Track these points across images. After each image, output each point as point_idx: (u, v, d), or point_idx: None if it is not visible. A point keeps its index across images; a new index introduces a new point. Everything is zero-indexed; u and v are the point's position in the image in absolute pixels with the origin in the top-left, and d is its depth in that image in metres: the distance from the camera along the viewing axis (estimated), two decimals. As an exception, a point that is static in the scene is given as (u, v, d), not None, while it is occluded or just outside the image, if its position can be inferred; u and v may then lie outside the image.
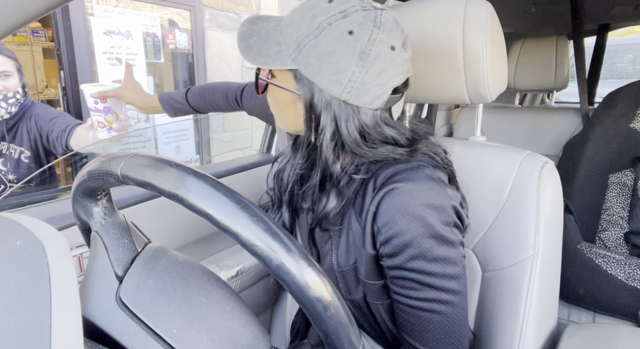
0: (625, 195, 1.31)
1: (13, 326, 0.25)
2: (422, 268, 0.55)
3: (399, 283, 0.57)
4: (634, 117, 1.32)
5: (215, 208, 0.31)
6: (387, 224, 0.56)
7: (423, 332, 0.57)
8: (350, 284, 0.64)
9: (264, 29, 0.60)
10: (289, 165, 0.72)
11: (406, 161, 0.60)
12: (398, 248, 0.56)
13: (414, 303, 0.57)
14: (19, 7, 0.44)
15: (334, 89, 0.56)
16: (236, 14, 3.60)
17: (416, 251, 0.55)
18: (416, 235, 0.55)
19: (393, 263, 0.57)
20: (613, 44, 3.96)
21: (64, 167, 3.39)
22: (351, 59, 0.54)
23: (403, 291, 0.57)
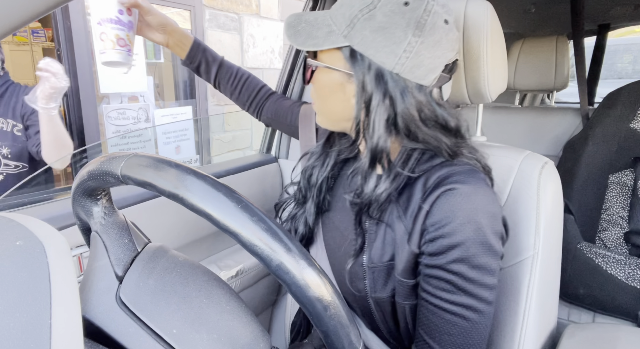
0: (625, 195, 1.31)
1: (13, 326, 0.25)
2: (463, 273, 0.55)
3: (434, 282, 0.57)
4: (634, 117, 1.32)
5: (215, 208, 0.31)
6: (439, 223, 0.55)
7: (444, 334, 0.56)
8: (379, 281, 0.63)
9: (312, 17, 0.62)
10: (318, 162, 0.73)
11: (453, 162, 0.60)
12: (444, 248, 0.55)
13: (445, 305, 0.56)
14: (19, 7, 0.44)
15: (388, 61, 0.55)
16: (236, 14, 3.60)
17: (462, 254, 0.54)
18: (467, 238, 0.54)
19: (434, 262, 0.56)
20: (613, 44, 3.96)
21: (64, 166, 3.39)
22: (407, 29, 0.54)
23: (436, 292, 0.57)
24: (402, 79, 0.56)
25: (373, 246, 0.63)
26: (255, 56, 3.82)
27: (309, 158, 0.76)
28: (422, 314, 0.59)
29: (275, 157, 1.37)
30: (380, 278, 0.62)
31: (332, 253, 0.72)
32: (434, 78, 0.58)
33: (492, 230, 0.56)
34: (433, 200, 0.57)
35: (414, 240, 0.58)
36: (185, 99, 3.41)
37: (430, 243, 0.57)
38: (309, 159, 0.75)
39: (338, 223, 0.72)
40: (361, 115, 0.59)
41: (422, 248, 0.58)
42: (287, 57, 1.33)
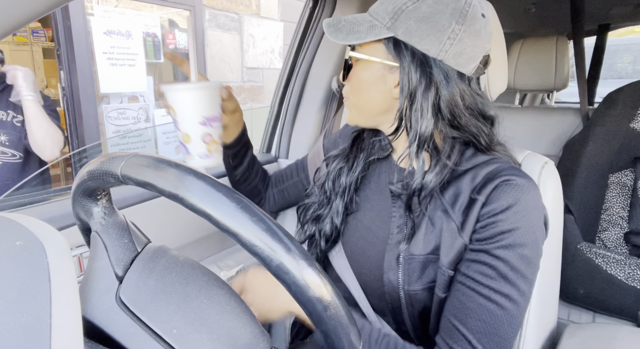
0: (625, 195, 1.31)
1: (13, 326, 0.25)
2: (509, 260, 0.56)
3: (477, 267, 0.58)
4: (634, 117, 1.32)
5: (215, 208, 0.31)
6: (495, 210, 0.58)
7: (477, 321, 0.57)
8: (414, 274, 0.64)
9: (350, 17, 0.64)
10: (346, 165, 0.75)
11: (497, 159, 0.64)
12: (496, 233, 0.57)
13: (483, 290, 0.57)
14: (19, 7, 0.44)
15: (432, 48, 0.58)
16: (236, 14, 3.60)
17: (513, 241, 0.56)
18: (520, 227, 0.57)
19: (481, 247, 0.58)
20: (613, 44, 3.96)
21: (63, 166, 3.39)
22: (451, 18, 0.58)
23: (477, 276, 0.57)
24: (445, 66, 0.59)
25: (414, 238, 0.64)
26: (255, 56, 3.82)
27: (333, 160, 0.78)
28: (456, 298, 0.59)
29: (275, 156, 1.37)
30: (416, 271, 0.63)
31: (361, 252, 0.72)
32: (474, 67, 0.61)
33: (541, 225, 0.59)
34: (489, 191, 0.59)
35: (467, 231, 0.60)
36: (185, 99, 3.40)
37: (482, 229, 0.59)
38: (333, 162, 0.77)
39: (369, 223, 0.72)
40: (404, 104, 0.62)
41: (473, 235, 0.60)
42: (287, 57, 1.33)
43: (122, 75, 2.69)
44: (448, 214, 0.62)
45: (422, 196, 0.64)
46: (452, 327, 0.58)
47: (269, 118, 1.40)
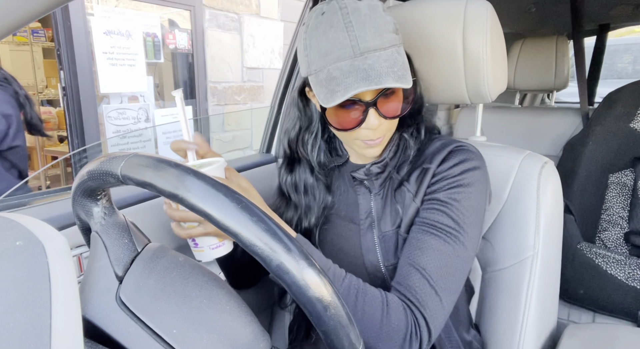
0: (625, 195, 1.31)
1: (13, 326, 0.25)
2: (455, 204, 0.65)
3: (428, 214, 0.66)
4: (634, 117, 1.32)
5: (215, 208, 0.31)
6: (445, 167, 0.67)
7: (428, 259, 0.62)
8: (390, 248, 0.70)
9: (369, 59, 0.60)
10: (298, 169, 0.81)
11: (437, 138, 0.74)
12: (446, 183, 0.66)
13: (434, 231, 0.64)
14: (19, 7, 0.44)
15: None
16: (236, 14, 3.60)
17: (460, 189, 0.66)
18: (467, 177, 0.66)
19: (432, 196, 0.67)
20: (613, 44, 3.96)
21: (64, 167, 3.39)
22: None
23: (428, 221, 0.65)
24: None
25: (382, 218, 0.71)
26: (255, 56, 3.82)
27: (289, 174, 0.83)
28: (409, 244, 0.66)
29: (275, 156, 1.37)
30: (391, 246, 0.70)
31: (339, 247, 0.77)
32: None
33: (486, 185, 0.68)
34: (442, 158, 0.68)
35: (420, 196, 0.68)
36: (185, 99, 3.40)
37: (433, 185, 0.67)
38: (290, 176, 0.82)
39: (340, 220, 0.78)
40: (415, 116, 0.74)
41: (426, 191, 0.68)
42: (287, 57, 1.33)
43: (122, 75, 2.69)
44: (404, 186, 0.71)
45: (383, 179, 0.73)
46: (408, 270, 0.63)
47: (269, 118, 1.40)
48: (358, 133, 0.67)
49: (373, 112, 0.63)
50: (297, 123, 0.78)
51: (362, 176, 0.74)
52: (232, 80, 3.67)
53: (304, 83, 0.72)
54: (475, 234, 0.66)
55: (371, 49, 0.60)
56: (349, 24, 0.60)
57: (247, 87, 3.84)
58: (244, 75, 3.78)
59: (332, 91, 0.60)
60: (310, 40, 0.63)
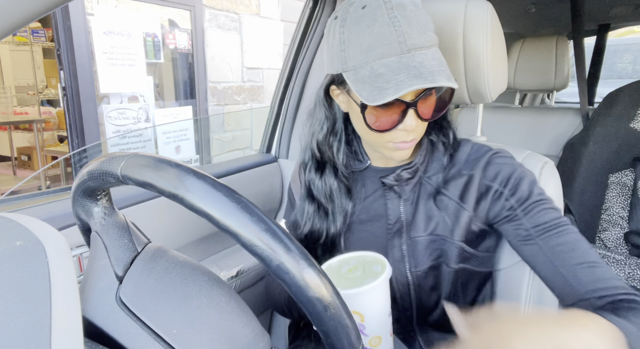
0: (625, 195, 1.31)
1: (13, 326, 0.25)
2: (548, 198, 0.67)
3: (539, 217, 0.65)
4: (634, 117, 1.32)
5: (215, 208, 0.31)
6: (505, 178, 0.68)
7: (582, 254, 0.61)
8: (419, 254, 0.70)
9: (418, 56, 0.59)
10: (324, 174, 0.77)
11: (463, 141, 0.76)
12: (526, 191, 0.66)
13: (564, 228, 0.64)
14: (19, 7, 0.44)
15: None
16: (236, 14, 3.60)
17: (540, 190, 0.68)
18: (533, 180, 0.68)
19: (527, 204, 0.66)
20: (613, 44, 3.96)
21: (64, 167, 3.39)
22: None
23: (549, 222, 0.64)
24: None
25: (413, 223, 0.71)
26: (255, 56, 3.82)
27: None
28: (551, 247, 0.63)
29: (275, 156, 1.37)
30: (421, 252, 0.70)
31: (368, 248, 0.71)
32: None
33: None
34: (484, 165, 0.69)
35: (469, 203, 0.69)
36: (185, 99, 3.41)
37: (511, 196, 0.67)
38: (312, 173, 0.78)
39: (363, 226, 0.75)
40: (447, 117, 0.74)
41: (500, 204, 0.68)
42: (287, 57, 1.33)
43: (122, 75, 2.69)
44: (443, 194, 0.70)
45: (413, 184, 0.72)
46: (591, 272, 0.60)
47: (269, 118, 1.40)
48: (392, 135, 0.64)
49: (412, 113, 0.61)
50: (325, 124, 0.74)
51: (392, 182, 0.72)
52: (232, 80, 3.67)
53: (332, 81, 0.69)
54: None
55: (418, 47, 0.58)
56: (395, 19, 0.57)
57: (247, 87, 3.84)
58: (244, 75, 3.78)
59: (379, 88, 0.57)
60: (349, 35, 0.60)
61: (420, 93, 0.61)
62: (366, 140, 0.72)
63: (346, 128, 0.75)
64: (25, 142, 4.32)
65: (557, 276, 0.62)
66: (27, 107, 4.28)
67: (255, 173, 1.23)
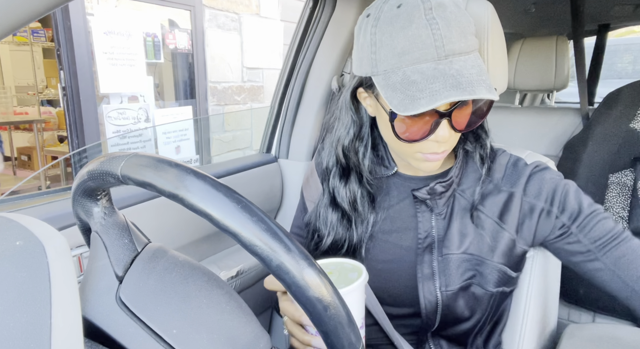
0: (625, 195, 1.31)
1: (13, 326, 0.25)
2: (597, 209, 0.64)
3: (596, 232, 0.62)
4: (634, 117, 1.32)
5: (215, 208, 0.31)
6: (549, 195, 0.64)
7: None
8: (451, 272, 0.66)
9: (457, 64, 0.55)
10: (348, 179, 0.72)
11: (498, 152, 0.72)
12: (575, 206, 0.63)
13: (624, 235, 0.62)
14: (19, 7, 0.44)
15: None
16: (236, 14, 3.60)
17: (585, 199, 0.65)
18: (576, 189, 0.65)
19: (582, 219, 0.63)
20: (613, 44, 3.96)
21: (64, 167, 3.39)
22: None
23: (607, 233, 0.62)
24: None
25: (446, 239, 0.66)
26: (255, 56, 3.82)
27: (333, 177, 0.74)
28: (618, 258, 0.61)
29: (275, 156, 1.37)
30: (453, 269, 0.65)
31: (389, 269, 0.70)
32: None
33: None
34: (525, 181, 0.65)
35: (510, 224, 0.65)
36: (185, 99, 3.41)
37: (561, 214, 0.63)
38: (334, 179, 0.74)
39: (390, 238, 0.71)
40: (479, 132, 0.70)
41: (551, 223, 0.64)
42: (287, 57, 1.33)
43: (122, 75, 2.69)
44: (479, 211, 0.66)
45: (447, 198, 0.67)
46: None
47: (269, 118, 1.40)
48: (422, 146, 0.60)
49: (445, 123, 0.57)
50: (351, 128, 0.69)
51: (425, 196, 0.66)
52: (232, 80, 3.67)
53: (360, 83, 0.64)
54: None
55: (457, 52, 0.53)
56: (433, 21, 0.52)
57: (247, 87, 3.84)
58: (244, 75, 3.78)
59: (412, 97, 0.52)
60: (381, 36, 0.55)
61: (456, 103, 0.56)
62: (393, 148, 0.68)
63: (372, 131, 0.71)
64: (25, 142, 4.33)
65: (626, 289, 0.61)
66: (27, 107, 4.28)
67: (255, 173, 1.23)
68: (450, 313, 0.67)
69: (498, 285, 0.65)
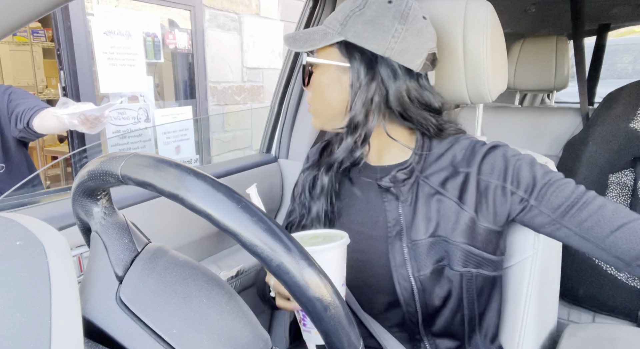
0: (625, 195, 1.31)
1: (13, 326, 0.25)
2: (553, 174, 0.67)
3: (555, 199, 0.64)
4: (634, 117, 1.32)
5: (215, 208, 0.31)
6: (503, 173, 0.67)
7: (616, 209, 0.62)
8: (421, 257, 0.68)
9: (307, 29, 0.71)
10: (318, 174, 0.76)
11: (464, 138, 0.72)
12: (529, 180, 0.65)
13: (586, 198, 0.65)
14: (19, 7, 0.44)
15: (379, 47, 0.64)
16: (236, 14, 3.60)
17: (542, 170, 0.67)
18: (531, 161, 0.68)
19: (539, 190, 0.65)
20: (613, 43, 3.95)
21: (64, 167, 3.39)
22: (394, 19, 0.64)
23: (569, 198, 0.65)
24: (392, 63, 0.65)
25: (413, 225, 0.69)
26: (255, 56, 3.82)
27: (305, 171, 0.79)
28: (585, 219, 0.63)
29: (275, 156, 1.37)
30: (422, 254, 0.68)
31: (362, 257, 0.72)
32: (420, 63, 0.66)
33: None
34: (479, 161, 0.68)
35: (469, 204, 0.67)
36: (185, 99, 3.40)
37: (517, 189, 0.66)
38: (306, 173, 0.79)
39: (360, 228, 0.73)
40: (358, 102, 0.66)
41: (508, 200, 0.66)
42: (287, 58, 1.33)
43: (122, 75, 2.69)
44: (441, 194, 0.68)
45: (410, 184, 0.70)
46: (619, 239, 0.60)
47: (268, 118, 1.40)
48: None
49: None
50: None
51: (388, 184, 0.70)
52: (232, 80, 3.67)
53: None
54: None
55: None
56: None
57: (247, 87, 3.84)
58: (244, 75, 3.78)
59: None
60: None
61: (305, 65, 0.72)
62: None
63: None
64: (25, 142, 4.32)
65: (599, 251, 0.63)
66: (27, 107, 4.26)
67: (255, 173, 1.23)
68: (429, 298, 0.68)
69: (465, 264, 0.67)
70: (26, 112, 1.42)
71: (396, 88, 0.66)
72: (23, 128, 1.45)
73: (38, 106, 1.44)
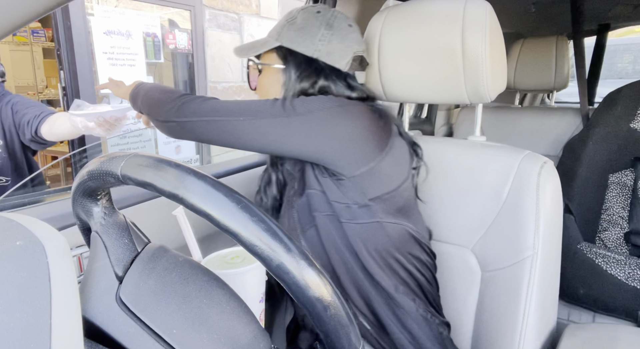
0: (625, 195, 1.31)
1: (13, 326, 0.25)
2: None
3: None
4: (634, 117, 1.32)
5: (216, 208, 0.31)
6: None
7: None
8: (303, 216, 0.77)
9: (252, 40, 0.83)
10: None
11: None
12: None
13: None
14: (19, 7, 0.44)
15: (308, 49, 0.76)
16: (236, 14, 3.60)
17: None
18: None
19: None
20: (613, 44, 3.95)
21: (64, 166, 3.39)
22: (320, 26, 0.76)
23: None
24: (320, 63, 0.76)
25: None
26: (255, 56, 3.82)
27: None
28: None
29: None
30: (304, 213, 0.75)
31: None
32: (346, 63, 0.77)
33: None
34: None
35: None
36: (185, 99, 3.40)
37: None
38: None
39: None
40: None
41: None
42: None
43: (122, 75, 2.69)
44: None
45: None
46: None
47: (269, 118, 1.39)
48: None
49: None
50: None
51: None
52: (232, 80, 3.67)
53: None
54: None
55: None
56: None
57: (247, 87, 3.84)
58: (244, 75, 3.78)
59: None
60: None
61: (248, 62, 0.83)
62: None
63: None
64: (25, 142, 4.31)
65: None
66: (27, 107, 4.26)
67: (255, 173, 1.23)
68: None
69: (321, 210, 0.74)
70: (32, 121, 1.41)
71: (322, 85, 0.76)
72: (31, 137, 1.43)
73: (44, 113, 1.42)
